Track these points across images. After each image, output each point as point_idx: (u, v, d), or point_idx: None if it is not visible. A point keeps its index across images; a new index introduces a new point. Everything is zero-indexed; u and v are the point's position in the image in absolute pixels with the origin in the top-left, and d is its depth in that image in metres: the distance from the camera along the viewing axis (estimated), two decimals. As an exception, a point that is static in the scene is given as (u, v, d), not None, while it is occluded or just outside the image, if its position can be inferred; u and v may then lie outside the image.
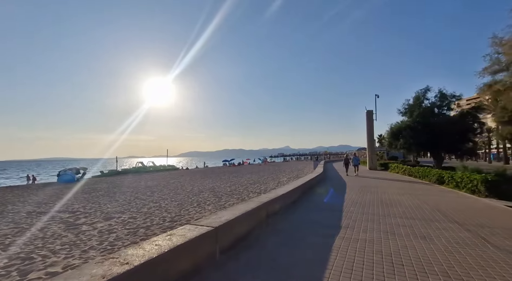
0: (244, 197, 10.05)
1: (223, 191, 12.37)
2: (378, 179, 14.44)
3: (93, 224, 6.40)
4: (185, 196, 11.26)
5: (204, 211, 7.64)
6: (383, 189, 10.48)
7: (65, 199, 11.50)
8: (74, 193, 13.44)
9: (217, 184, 16.14)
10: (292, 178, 18.09)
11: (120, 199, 11.01)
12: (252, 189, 12.64)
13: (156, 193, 12.70)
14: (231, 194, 11.31)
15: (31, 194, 14.14)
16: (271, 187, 13.07)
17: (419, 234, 4.50)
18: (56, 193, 14.21)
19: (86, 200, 11.06)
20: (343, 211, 6.40)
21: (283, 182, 15.60)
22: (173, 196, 11.27)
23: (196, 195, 11.27)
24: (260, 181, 16.70)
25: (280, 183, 14.87)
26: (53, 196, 12.70)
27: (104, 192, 13.62)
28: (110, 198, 11.50)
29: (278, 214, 5.90)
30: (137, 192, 13.18)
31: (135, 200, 10.61)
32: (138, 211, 7.97)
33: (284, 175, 20.92)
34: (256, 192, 11.40)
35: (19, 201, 11.36)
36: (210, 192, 12.35)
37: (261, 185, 14.35)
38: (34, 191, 15.38)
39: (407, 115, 21.04)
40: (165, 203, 9.40)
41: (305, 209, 6.53)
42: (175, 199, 10.30)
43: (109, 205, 9.48)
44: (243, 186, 14.45)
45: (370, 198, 8.21)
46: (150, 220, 6.59)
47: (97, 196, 12.12)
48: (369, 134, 24.69)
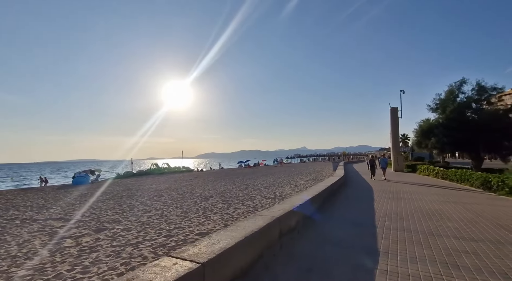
0: (256, 204, 8.95)
1: (234, 196, 11.35)
2: (409, 183, 12.79)
3: (80, 237, 5.56)
4: (192, 201, 10.34)
5: (209, 221, 6.62)
6: (419, 195, 8.96)
7: (68, 203, 10.99)
8: (80, 197, 12.99)
9: (229, 187, 15.16)
10: (310, 180, 16.75)
11: (124, 204, 10.30)
12: (266, 194, 11.51)
13: (164, 197, 11.92)
14: (242, 199, 10.26)
15: (40, 197, 13.88)
16: (286, 192, 11.87)
17: (496, 270, 3.16)
18: (62, 196, 13.86)
19: (88, 205, 10.46)
20: (377, 226, 5.12)
21: (300, 185, 14.33)
22: (180, 201, 10.40)
23: (204, 201, 10.32)
24: (275, 184, 15.53)
25: (297, 187, 13.62)
26: (58, 200, 12.30)
27: (111, 196, 13.06)
28: (115, 203, 10.84)
29: (295, 231, 4.74)
30: (144, 196, 12.48)
31: (139, 205, 9.83)
32: (136, 220, 7.11)
33: (301, 177, 19.58)
34: (270, 198, 10.26)
35: (24, 206, 10.99)
36: (220, 196, 11.37)
37: (276, 189, 13.19)
38: (42, 194, 15.19)
39: (439, 112, 18.93)
40: (168, 210, 8.51)
41: (328, 223, 5.33)
42: (181, 206, 9.40)
43: (110, 211, 8.74)
44: (257, 189, 13.36)
45: (406, 208, 6.81)
46: (144, 234, 5.67)
47: (102, 200, 11.53)
48: (393, 133, 22.75)
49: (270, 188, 13.73)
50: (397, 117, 22.64)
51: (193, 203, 9.81)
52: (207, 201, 10.13)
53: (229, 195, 11.66)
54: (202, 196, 11.67)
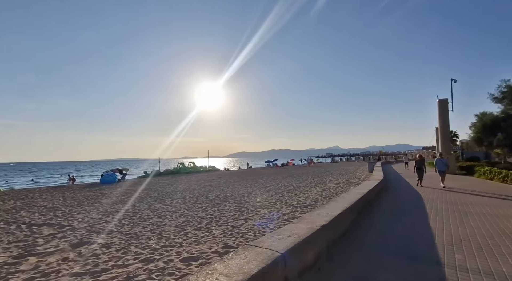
0: (273, 213, 7.44)
1: (251, 201, 9.95)
2: (472, 192, 10.15)
3: (48, 256, 4.58)
4: (202, 207, 9.17)
5: (207, 238, 5.30)
6: (495, 209, 6.61)
7: (77, 204, 10.52)
8: (94, 197, 12.61)
9: (249, 189, 13.82)
10: (341, 183, 14.70)
11: (131, 208, 9.48)
12: (287, 199, 9.93)
13: (176, 200, 10.96)
14: (258, 206, 8.81)
15: (60, 196, 13.88)
16: (312, 198, 10.15)
17: None
18: (81, 195, 13.67)
19: (93, 207, 9.85)
20: (443, 262, 3.29)
21: (329, 189, 12.44)
22: (190, 206, 9.30)
23: (215, 206, 9.08)
24: (300, 187, 13.81)
25: (326, 191, 11.77)
26: (74, 199, 12.02)
27: (126, 197, 12.50)
28: (123, 204, 10.12)
29: (313, 269, 3.16)
30: (157, 199, 11.67)
31: (144, 210, 8.92)
32: (127, 232, 6.06)
33: (331, 180, 17.51)
34: (292, 205, 8.66)
35: (36, 206, 10.79)
36: (236, 201, 10.06)
37: (301, 193, 11.50)
38: (63, 192, 15.29)
39: (505, 102, 15.41)
40: (171, 218, 7.40)
41: (365, 255, 3.62)
42: (188, 212, 8.26)
43: (108, 218, 7.89)
44: (279, 193, 11.80)
45: (482, 229, 4.76)
46: (122, 253, 4.52)
47: (111, 203, 10.92)
48: (442, 128, 19.44)
49: (294, 192, 12.07)
50: (447, 110, 19.28)
51: (202, 209, 8.61)
52: (219, 207, 8.86)
53: (245, 200, 10.29)
54: (216, 200, 10.47)
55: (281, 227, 4.13)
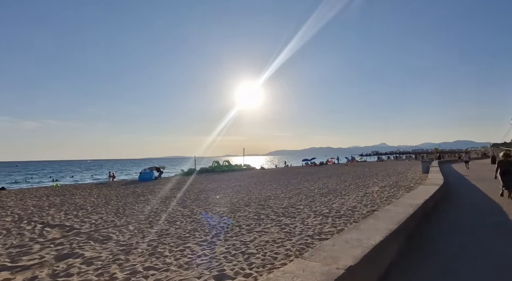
0: (296, 225, 6.11)
1: (276, 206, 8.71)
2: None
3: (21, 273, 4.02)
4: (219, 211, 8.24)
5: (208, 253, 4.27)
6: None
7: (104, 202, 10.49)
8: (124, 195, 12.66)
9: (278, 191, 12.55)
10: (388, 187, 12.48)
11: (147, 210, 9.01)
12: (318, 206, 8.44)
13: (197, 202, 10.30)
14: (282, 213, 7.53)
15: (96, 193, 14.39)
16: (349, 204, 8.47)
17: None
18: (113, 193, 13.93)
19: (115, 207, 9.66)
20: None
21: (372, 194, 10.49)
22: (207, 210, 8.46)
23: (234, 211, 8.08)
24: (337, 190, 12.05)
25: (367, 197, 9.89)
26: (105, 197, 12.21)
27: (152, 196, 12.31)
28: (145, 205, 9.77)
29: None
30: (180, 199, 11.16)
31: (160, 213, 8.35)
32: (124, 242, 5.36)
33: (376, 182, 15.21)
34: (322, 214, 7.18)
35: (69, 203, 11.11)
36: (258, 206, 8.92)
37: (336, 198, 9.84)
38: (101, 189, 15.87)
39: None
40: (179, 225, 6.59)
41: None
42: (200, 218, 7.39)
43: (120, 220, 7.43)
44: (310, 197, 10.32)
45: None
46: (97, 276, 3.71)
47: (134, 202, 10.69)
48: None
49: (329, 196, 10.44)
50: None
51: (217, 215, 7.67)
52: (237, 213, 7.81)
53: (270, 204, 9.08)
54: (237, 204, 9.47)
55: (284, 265, 2.85)
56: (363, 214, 7.10)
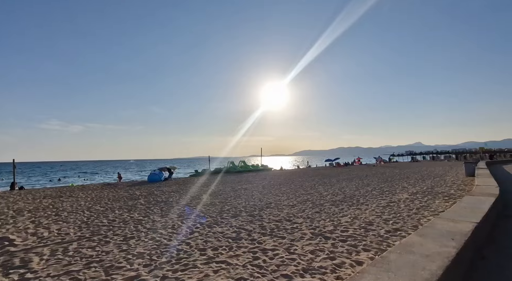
0: (275, 254, 4.36)
1: (267, 219, 6.99)
2: None
3: None
4: (198, 224, 6.72)
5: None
6: None
7: (87, 208, 9.50)
8: (116, 199, 11.65)
9: (283, 197, 10.76)
10: (421, 193, 10.06)
11: (110, 220, 7.80)
12: (320, 222, 6.57)
13: (184, 213, 8.92)
14: (268, 231, 5.81)
15: (93, 193, 13.68)
16: (364, 218, 6.48)
17: None
18: (110, 195, 13.04)
19: (73, 218, 8.59)
20: None
21: (399, 204, 8.28)
22: (187, 221, 7.01)
23: (213, 225, 6.52)
24: (354, 198, 9.96)
25: (391, 207, 7.74)
26: (94, 201, 11.34)
27: (144, 200, 11.21)
28: (116, 211, 8.59)
29: None
30: (171, 205, 9.89)
31: (130, 222, 7.05)
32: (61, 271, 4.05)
33: (406, 187, 12.71)
34: (322, 234, 5.34)
35: (55, 207, 10.37)
36: (249, 217, 7.27)
37: (349, 209, 7.84)
38: (103, 190, 15.16)
39: None
40: (135, 242, 5.18)
41: None
42: (167, 234, 5.94)
43: (80, 232, 6.22)
44: (317, 207, 8.42)
45: None
46: None
47: (107, 209, 9.58)
48: None
49: (341, 205, 8.44)
50: None
51: (191, 229, 6.15)
52: (215, 228, 6.23)
53: (264, 216, 7.37)
54: (226, 213, 7.90)
55: None
56: (380, 235, 5.12)
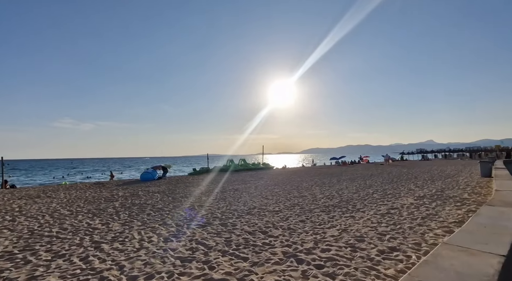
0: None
1: (240, 228, 5.91)
2: None
3: None
4: (151, 243, 5.70)
5: None
6: None
7: (52, 211, 8.63)
8: (91, 201, 10.78)
9: (271, 201, 9.64)
10: (428, 197, 8.74)
11: (78, 224, 6.86)
12: (300, 235, 5.44)
13: (153, 215, 7.93)
14: (233, 247, 4.73)
15: (74, 193, 12.88)
16: (355, 231, 5.30)
17: None
18: (89, 195, 12.20)
19: (26, 225, 7.70)
20: None
21: (401, 211, 7.04)
22: (139, 231, 5.99)
23: (170, 238, 5.47)
24: (351, 201, 8.74)
25: (390, 215, 6.51)
26: (64, 202, 10.50)
27: (110, 204, 10.31)
28: (79, 216, 7.66)
29: None
30: (142, 207, 8.93)
31: (86, 230, 6.09)
32: None
33: (412, 189, 11.37)
34: (294, 255, 4.22)
35: (25, 209, 9.59)
36: (219, 226, 6.19)
37: (341, 217, 6.66)
38: (87, 190, 14.37)
39: None
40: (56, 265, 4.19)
41: None
42: (88, 251, 4.92)
43: (30, 239, 5.28)
44: (304, 214, 7.27)
45: None
46: None
47: (72, 213, 8.68)
48: None
49: (335, 211, 7.25)
50: None
51: (145, 246, 5.12)
52: (168, 243, 5.18)
53: (239, 225, 6.29)
54: (201, 219, 6.85)
55: None
56: (370, 258, 3.96)
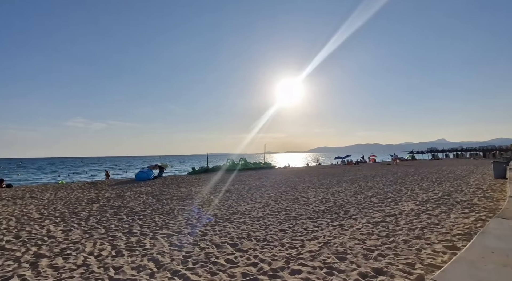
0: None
1: (207, 243, 5.18)
2: None
3: None
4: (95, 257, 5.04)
5: None
6: None
7: (36, 211, 8.11)
8: (68, 202, 10.23)
9: (259, 205, 8.91)
10: (432, 202, 7.80)
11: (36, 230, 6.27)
12: (272, 250, 4.70)
13: (121, 224, 7.31)
14: (194, 266, 4.00)
15: (61, 194, 12.43)
16: (337, 246, 4.50)
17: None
18: (73, 197, 11.72)
19: (29, 222, 7.17)
20: None
21: (398, 218, 6.17)
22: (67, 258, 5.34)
23: (117, 256, 4.80)
24: (344, 207, 7.91)
25: (385, 224, 5.67)
26: (53, 203, 10.01)
27: (85, 207, 9.76)
28: (43, 222, 7.09)
29: None
30: (116, 218, 8.34)
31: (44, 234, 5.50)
32: None
33: (416, 192, 10.41)
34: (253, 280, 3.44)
35: (7, 211, 9.13)
36: (188, 235, 5.49)
37: (329, 226, 5.87)
38: (76, 190, 13.93)
39: None
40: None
41: None
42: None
43: None
44: (287, 221, 6.51)
45: None
46: None
47: (46, 217, 8.14)
48: None
49: (323, 218, 6.44)
50: None
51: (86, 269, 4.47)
52: (107, 262, 4.51)
53: (209, 234, 5.57)
54: (174, 225, 6.17)
55: None
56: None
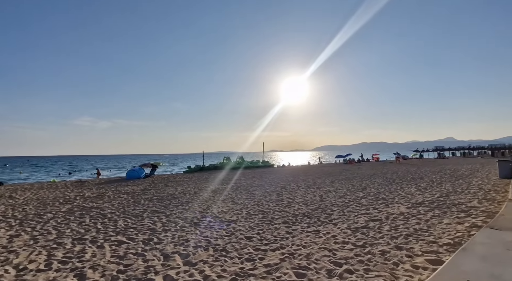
0: None
1: (160, 249, 4.58)
2: None
3: None
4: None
5: None
6: None
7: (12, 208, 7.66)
8: (42, 202, 9.76)
9: (238, 206, 8.29)
10: (426, 205, 7.06)
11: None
12: (225, 264, 4.07)
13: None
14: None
15: (41, 194, 12.01)
16: (304, 258, 3.84)
17: None
18: (44, 196, 11.26)
19: None
20: None
21: (383, 223, 5.46)
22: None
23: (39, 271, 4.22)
24: (327, 209, 7.24)
25: (367, 230, 4.97)
26: (21, 203, 9.55)
27: (51, 209, 9.27)
28: (23, 229, 6.59)
29: None
30: (78, 222, 7.81)
31: None
32: None
33: (410, 193, 9.64)
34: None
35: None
36: (143, 239, 4.89)
37: (301, 234, 5.21)
38: (59, 189, 13.51)
39: None
40: None
41: None
42: None
43: None
44: (259, 226, 5.87)
45: None
46: None
47: (28, 217, 7.64)
48: None
49: (301, 222, 5.78)
50: None
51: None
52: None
53: (163, 244, 4.96)
54: (119, 232, 5.58)
55: None
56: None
